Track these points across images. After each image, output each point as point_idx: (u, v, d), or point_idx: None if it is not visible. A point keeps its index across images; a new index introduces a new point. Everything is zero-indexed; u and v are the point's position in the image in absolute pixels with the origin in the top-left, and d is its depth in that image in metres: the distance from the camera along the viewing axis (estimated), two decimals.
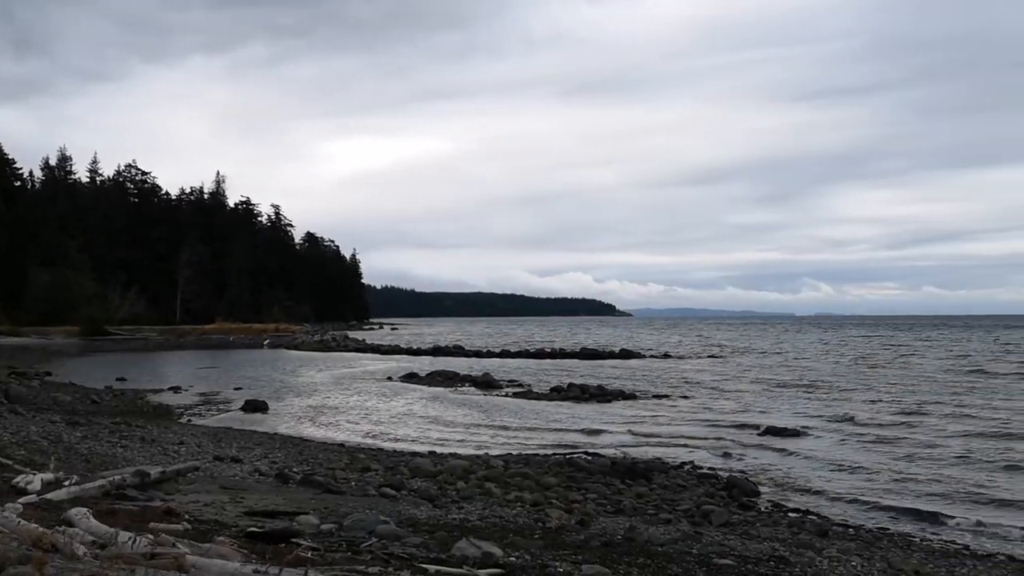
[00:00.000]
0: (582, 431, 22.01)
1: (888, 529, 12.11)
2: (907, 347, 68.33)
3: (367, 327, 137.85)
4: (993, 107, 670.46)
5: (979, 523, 12.40)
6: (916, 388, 32.48)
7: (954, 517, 12.76)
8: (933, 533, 11.92)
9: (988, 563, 10.18)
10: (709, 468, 16.64)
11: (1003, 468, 16.18)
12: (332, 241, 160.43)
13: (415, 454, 17.47)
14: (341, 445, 18.91)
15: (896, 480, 15.33)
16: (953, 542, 11.43)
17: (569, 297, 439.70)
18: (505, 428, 22.56)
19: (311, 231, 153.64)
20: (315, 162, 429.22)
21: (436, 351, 63.26)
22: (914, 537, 11.65)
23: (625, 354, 58.51)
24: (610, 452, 18.20)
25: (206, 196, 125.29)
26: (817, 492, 14.62)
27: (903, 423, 22.53)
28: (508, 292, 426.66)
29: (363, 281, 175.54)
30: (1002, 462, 16.74)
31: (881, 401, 27.89)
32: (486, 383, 35.21)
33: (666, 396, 30.70)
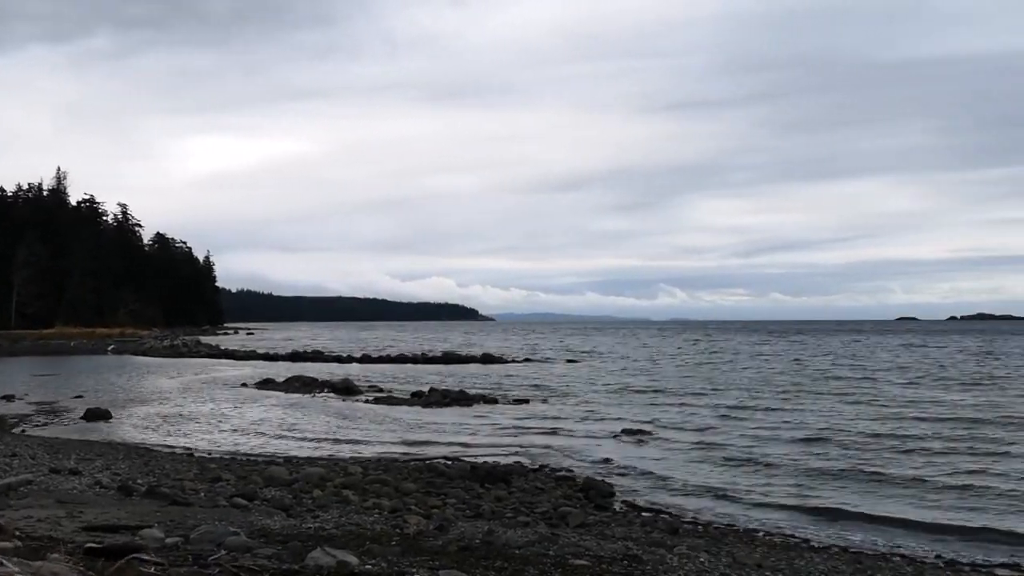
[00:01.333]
0: (443, 436, 21.96)
1: (735, 525, 12.63)
2: (751, 351, 71.67)
3: (222, 332, 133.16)
4: (837, 124, 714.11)
5: (817, 517, 13.12)
6: (758, 389, 34.04)
7: (795, 512, 13.46)
8: (776, 528, 12.51)
9: (824, 555, 10.77)
10: (567, 470, 16.92)
11: (839, 466, 17.14)
12: (184, 242, 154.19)
13: (270, 462, 16.98)
14: (190, 454, 18.18)
15: (743, 478, 16.03)
16: (793, 535, 12.04)
17: (432, 302, 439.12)
18: (365, 434, 22.25)
19: (161, 232, 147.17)
20: (168, 160, 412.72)
21: (294, 356, 61.74)
22: (758, 532, 12.20)
23: (487, 358, 58.85)
24: (470, 456, 18.24)
25: (45, 193, 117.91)
26: (669, 491, 15.10)
27: (747, 421, 23.57)
28: (370, 297, 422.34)
29: (218, 284, 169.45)
30: (840, 460, 17.74)
31: (728, 402, 29.09)
32: (346, 389, 34.63)
33: (527, 400, 31.04)
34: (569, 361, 58.30)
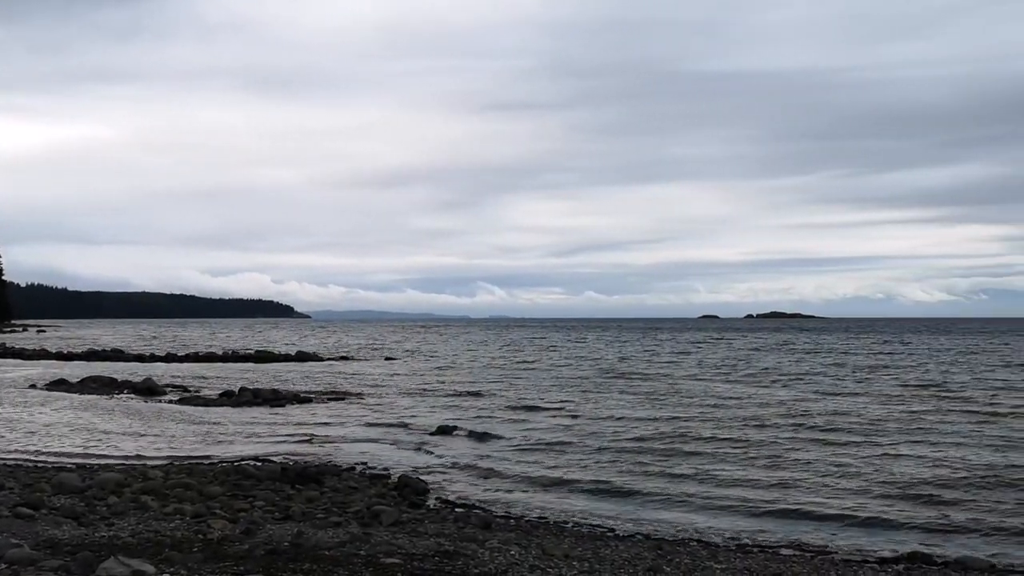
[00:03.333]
0: (252, 436, 21.24)
1: (545, 518, 12.96)
2: (562, 348, 73.82)
3: (8, 330, 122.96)
4: (649, 131, 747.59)
5: (624, 508, 13.68)
6: (575, 386, 35.12)
7: (603, 504, 13.98)
8: (584, 519, 12.95)
9: (628, 542, 11.25)
10: (382, 469, 16.80)
11: (649, 460, 17.93)
12: None
13: (60, 468, 15.82)
14: None
15: (556, 472, 16.46)
16: (600, 526, 12.50)
17: (245, 298, 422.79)
18: (168, 436, 21.16)
19: None
20: None
21: (91, 355, 57.80)
22: (567, 524, 12.58)
23: (302, 356, 57.47)
24: (280, 457, 17.74)
25: None
26: (483, 487, 15.30)
27: (561, 417, 24.26)
28: (178, 292, 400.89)
29: (3, 278, 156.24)
30: (649, 454, 18.56)
31: (542, 399, 29.81)
32: (148, 389, 32.82)
33: (342, 398, 30.57)
34: (387, 359, 57.92)
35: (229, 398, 29.94)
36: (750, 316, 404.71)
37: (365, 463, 17.35)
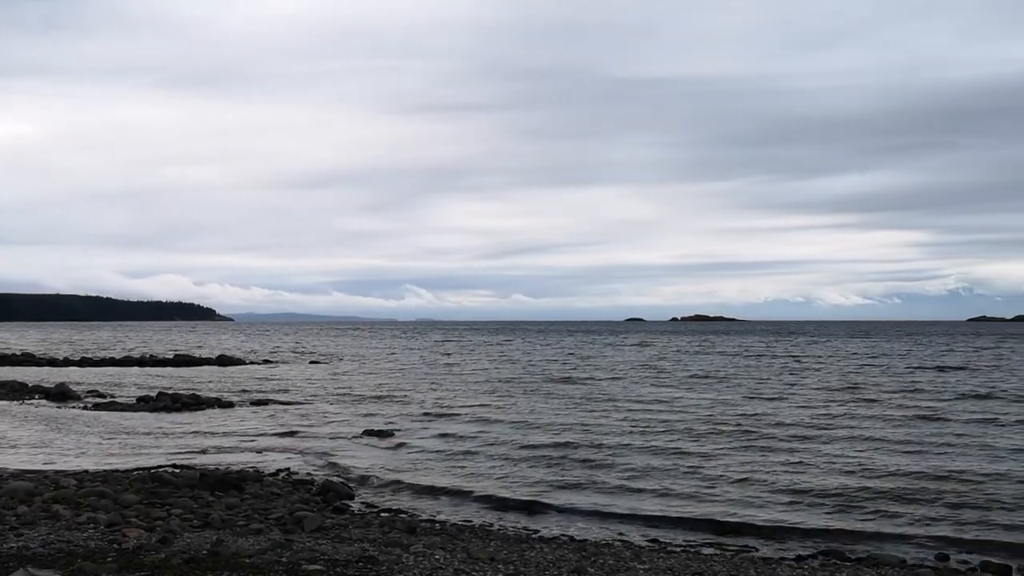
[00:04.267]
0: (171, 442, 20.72)
1: (471, 521, 12.94)
2: (489, 350, 73.89)
3: None
4: (579, 134, 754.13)
5: (551, 510, 13.75)
6: (500, 389, 35.18)
7: (530, 507, 14.02)
8: (510, 522, 12.98)
9: (553, 544, 11.30)
10: (306, 474, 16.56)
11: (571, 464, 18.05)
12: None
13: None
14: None
15: (482, 476, 16.46)
16: (526, 528, 12.54)
17: (164, 301, 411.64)
18: (81, 443, 20.49)
19: None
20: None
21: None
22: (493, 527, 12.58)
23: (224, 360, 56.27)
24: (200, 463, 17.34)
25: None
26: (409, 491, 15.21)
27: (489, 422, 24.26)
28: (93, 294, 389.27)
29: None
30: (571, 458, 18.68)
31: (471, 402, 29.79)
32: (61, 394, 31.72)
33: (265, 402, 30.03)
34: (312, 362, 57.15)
35: (147, 403, 29.14)
36: (675, 319, 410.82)
37: (288, 469, 17.08)
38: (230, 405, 29.26)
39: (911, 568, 10.52)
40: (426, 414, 26.29)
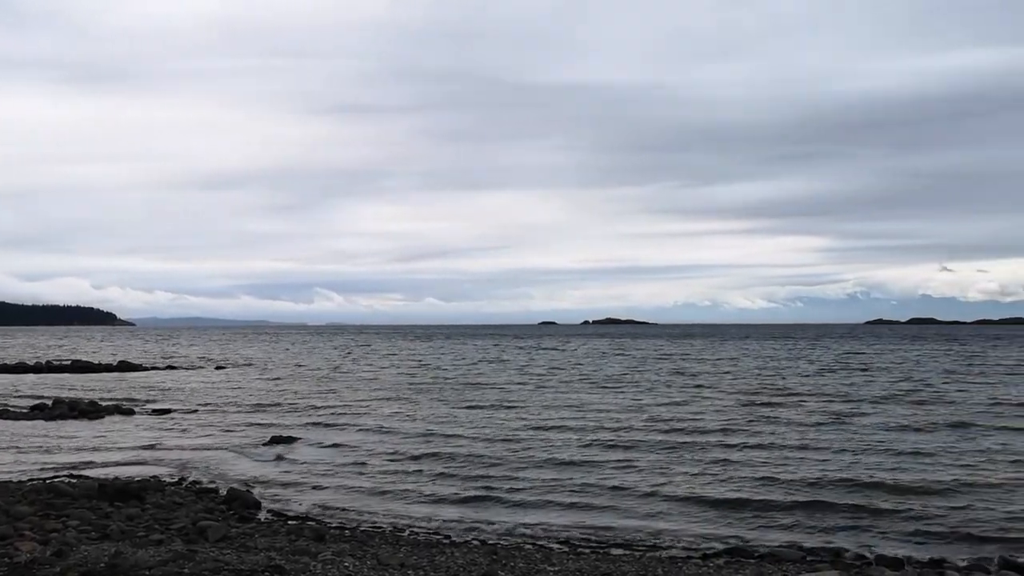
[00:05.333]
0: (68, 452, 19.91)
1: (381, 527, 12.81)
2: (399, 355, 73.35)
3: None
4: (489, 138, 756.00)
5: (459, 516, 13.70)
6: (408, 395, 34.94)
7: (440, 510, 13.98)
8: (421, 526, 12.91)
9: (464, 549, 11.28)
10: (210, 482, 16.15)
11: (477, 465, 18.04)
12: None
13: None
14: None
15: (390, 481, 16.32)
16: (436, 533, 12.48)
17: (61, 304, 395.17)
18: None
19: None
20: None
21: None
22: (403, 532, 12.48)
23: (124, 366, 54.41)
24: (99, 473, 16.71)
25: None
26: (318, 498, 14.97)
27: (397, 427, 24.06)
28: None
29: None
30: (482, 460, 18.67)
31: (378, 407, 29.50)
32: None
33: (169, 410, 29.14)
34: (217, 368, 55.74)
35: (42, 411, 27.93)
36: (587, 322, 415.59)
37: (192, 477, 16.62)
38: (131, 413, 28.29)
39: (810, 563, 10.86)
40: (334, 419, 25.92)
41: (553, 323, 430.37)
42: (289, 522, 13.01)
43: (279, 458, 19.05)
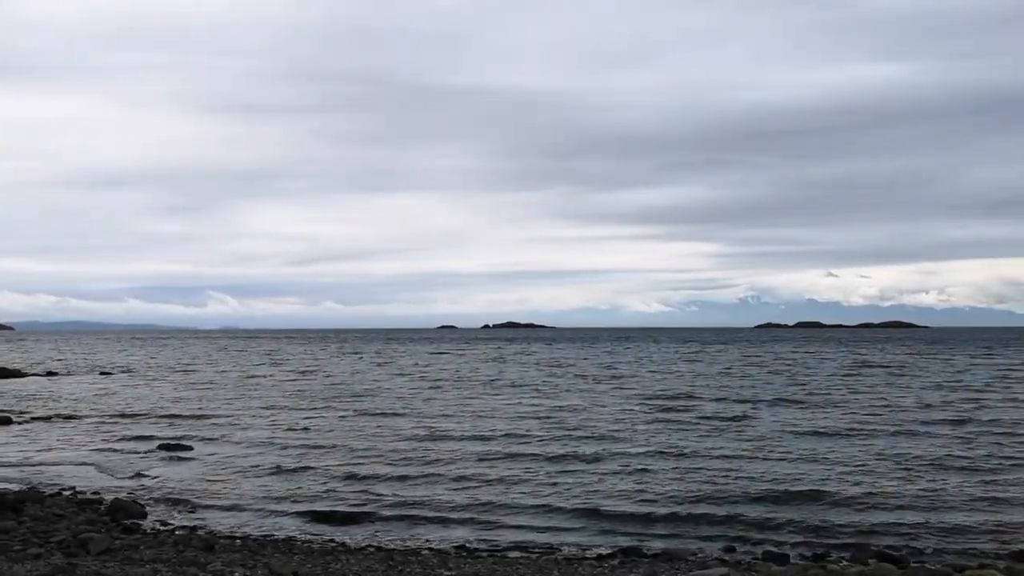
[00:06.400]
0: None
1: (274, 536, 12.53)
2: (293, 360, 72.06)
3: None
4: (390, 140, 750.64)
5: (354, 524, 13.50)
6: (304, 403, 34.34)
7: (335, 517, 13.75)
8: (315, 534, 12.68)
9: (359, 555, 11.14)
10: (92, 493, 15.50)
11: (376, 470, 17.85)
12: None
13: None
14: None
15: (283, 488, 15.97)
16: (331, 540, 12.27)
17: None
18: None
19: None
20: None
21: None
22: (297, 540, 12.22)
23: (2, 372, 51.63)
24: None
25: None
26: (208, 507, 14.56)
27: (293, 434, 23.59)
28: None
29: None
30: (380, 466, 18.47)
31: (271, 413, 28.87)
32: None
33: (48, 418, 27.85)
34: (102, 374, 53.55)
35: None
36: (487, 326, 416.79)
37: (73, 488, 15.92)
38: (8, 421, 26.87)
39: (701, 561, 11.15)
40: (225, 428, 25.15)
41: (454, 327, 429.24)
42: (176, 532, 12.60)
43: (166, 466, 18.43)
